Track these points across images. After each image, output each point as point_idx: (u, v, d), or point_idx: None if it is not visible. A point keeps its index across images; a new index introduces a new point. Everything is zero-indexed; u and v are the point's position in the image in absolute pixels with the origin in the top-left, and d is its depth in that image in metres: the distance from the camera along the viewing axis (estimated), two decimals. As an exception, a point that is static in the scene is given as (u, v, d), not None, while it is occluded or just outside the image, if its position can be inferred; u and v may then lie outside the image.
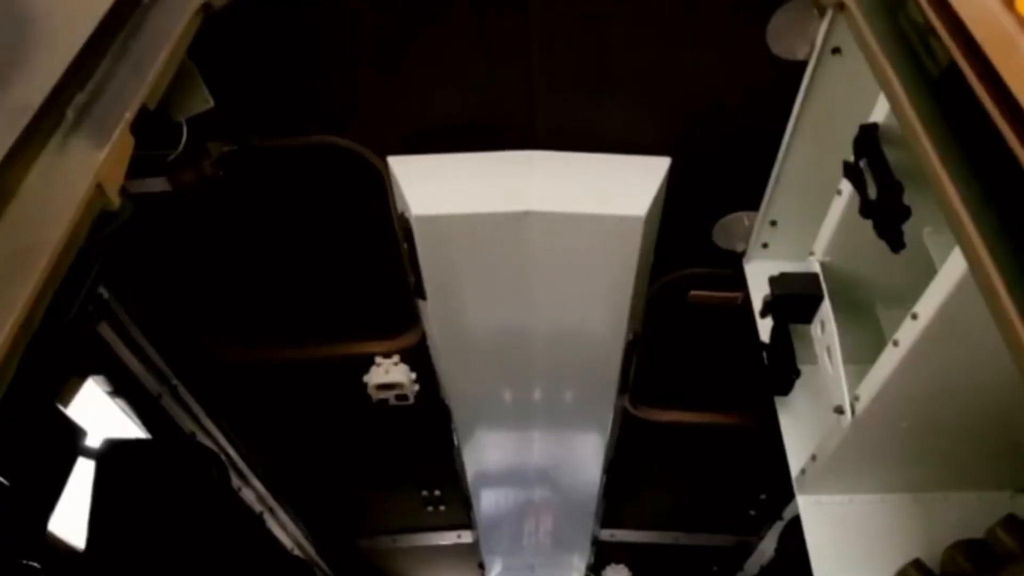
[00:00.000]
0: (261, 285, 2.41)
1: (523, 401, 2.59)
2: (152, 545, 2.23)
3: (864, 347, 1.64)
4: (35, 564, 2.00)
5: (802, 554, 1.84)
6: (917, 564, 1.75)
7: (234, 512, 2.87)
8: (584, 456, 3.08)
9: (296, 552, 3.89)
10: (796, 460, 1.90)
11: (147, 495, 2.23)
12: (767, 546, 3.66)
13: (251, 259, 2.32)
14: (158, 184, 1.81)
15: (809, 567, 1.79)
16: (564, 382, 2.49)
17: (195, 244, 2.24)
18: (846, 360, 1.63)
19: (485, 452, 3.04)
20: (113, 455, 2.22)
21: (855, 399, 1.53)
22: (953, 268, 1.21)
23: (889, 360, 1.40)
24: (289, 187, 2.10)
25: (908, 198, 1.37)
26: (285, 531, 3.78)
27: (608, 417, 2.71)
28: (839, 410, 1.58)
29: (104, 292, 2.19)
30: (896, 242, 1.34)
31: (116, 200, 1.10)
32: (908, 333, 1.34)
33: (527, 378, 2.44)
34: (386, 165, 1.89)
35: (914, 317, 1.31)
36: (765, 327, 1.99)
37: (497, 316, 2.14)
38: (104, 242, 1.42)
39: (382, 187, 1.96)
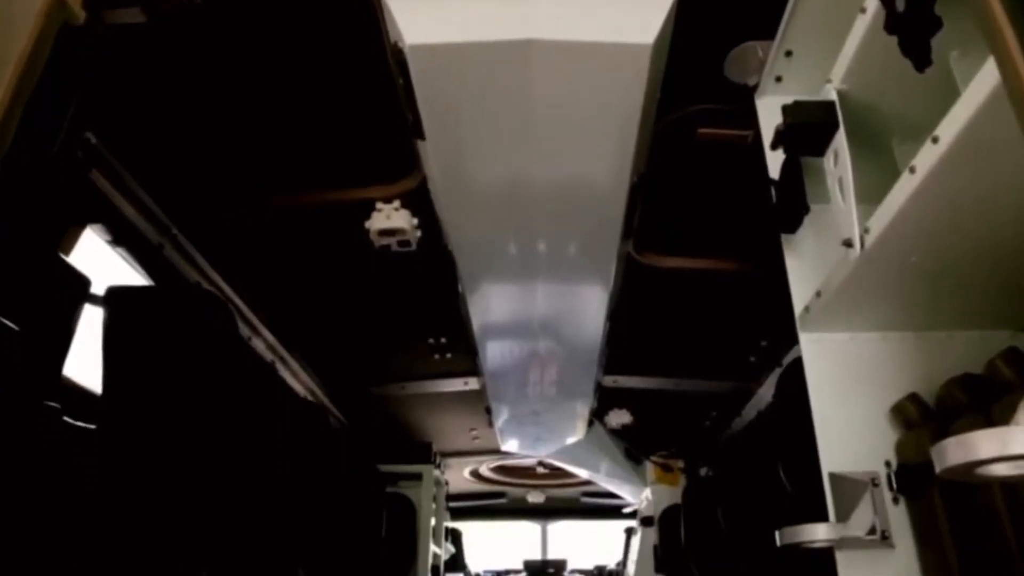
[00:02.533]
0: (252, 129, 2.32)
1: (527, 247, 2.57)
2: (165, 388, 2.29)
3: (876, 186, 1.59)
4: (55, 404, 2.06)
5: (800, 397, 1.87)
6: (913, 397, 1.78)
7: (243, 358, 2.94)
8: (588, 304, 3.10)
9: (309, 399, 4.04)
10: (800, 298, 1.89)
11: (155, 339, 2.26)
12: (766, 391, 3.78)
13: (240, 102, 2.21)
14: (134, 15, 1.71)
15: (806, 410, 1.82)
16: (568, 227, 2.45)
17: (181, 87, 2.13)
18: (857, 199, 1.59)
19: (489, 300, 3.06)
20: (118, 301, 2.23)
21: (865, 231, 1.50)
22: (980, 87, 1.14)
23: (904, 188, 1.35)
24: (275, 18, 1.97)
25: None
26: (297, 379, 3.90)
27: (612, 264, 2.70)
28: (848, 243, 1.54)
29: (92, 138, 2.12)
30: (923, 58, 1.25)
31: (80, 13, 1.03)
32: (926, 158, 1.28)
33: (530, 222, 2.40)
34: (376, -10, 1.76)
35: (934, 141, 1.25)
36: (775, 163, 1.92)
37: (499, 155, 2.07)
38: (81, 67, 1.35)
39: (374, 15, 1.83)
